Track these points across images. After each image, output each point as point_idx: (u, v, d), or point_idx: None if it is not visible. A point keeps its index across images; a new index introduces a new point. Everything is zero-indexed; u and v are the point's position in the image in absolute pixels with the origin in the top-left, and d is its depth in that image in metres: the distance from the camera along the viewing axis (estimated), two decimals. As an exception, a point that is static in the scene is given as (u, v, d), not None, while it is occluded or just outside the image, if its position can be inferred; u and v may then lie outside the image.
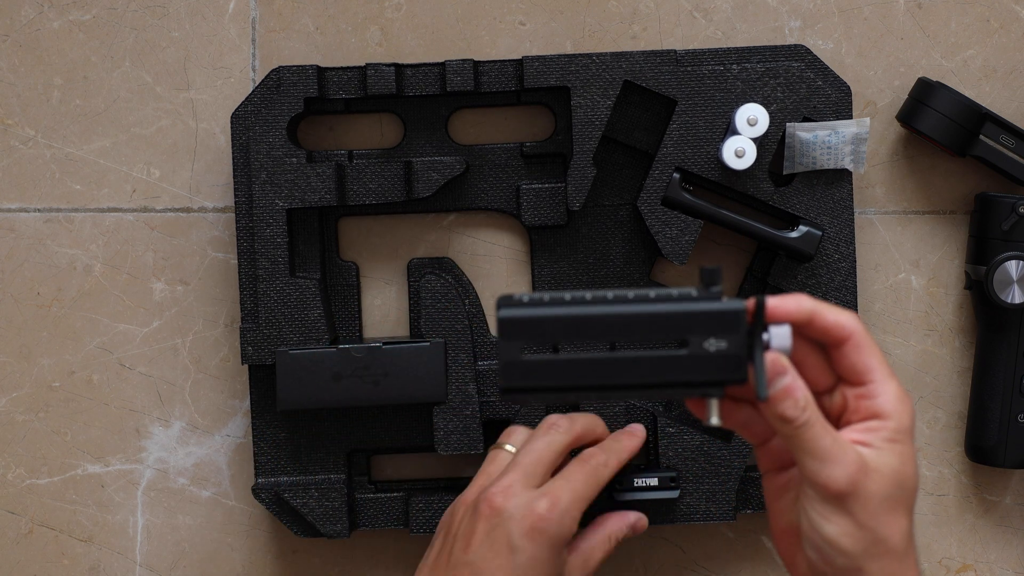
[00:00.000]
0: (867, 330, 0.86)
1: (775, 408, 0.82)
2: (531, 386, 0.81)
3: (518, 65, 1.06)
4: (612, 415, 1.05)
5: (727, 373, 0.81)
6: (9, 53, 1.09)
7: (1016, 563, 1.10)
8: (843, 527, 0.83)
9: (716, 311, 0.80)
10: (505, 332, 0.80)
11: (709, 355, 0.81)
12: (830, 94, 1.04)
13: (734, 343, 0.81)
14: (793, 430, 0.83)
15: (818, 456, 0.82)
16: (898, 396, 0.84)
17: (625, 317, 0.81)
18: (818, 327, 0.84)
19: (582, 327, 0.81)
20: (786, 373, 0.82)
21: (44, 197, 1.09)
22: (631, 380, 0.81)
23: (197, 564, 1.10)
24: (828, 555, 0.84)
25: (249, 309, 1.05)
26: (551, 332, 0.81)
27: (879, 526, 0.83)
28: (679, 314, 0.81)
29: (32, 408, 1.10)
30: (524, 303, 0.81)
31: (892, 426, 0.84)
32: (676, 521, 1.05)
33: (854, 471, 0.82)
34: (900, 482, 0.84)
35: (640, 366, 0.81)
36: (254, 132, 1.05)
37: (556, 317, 0.81)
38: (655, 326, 0.80)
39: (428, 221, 1.09)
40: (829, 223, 1.05)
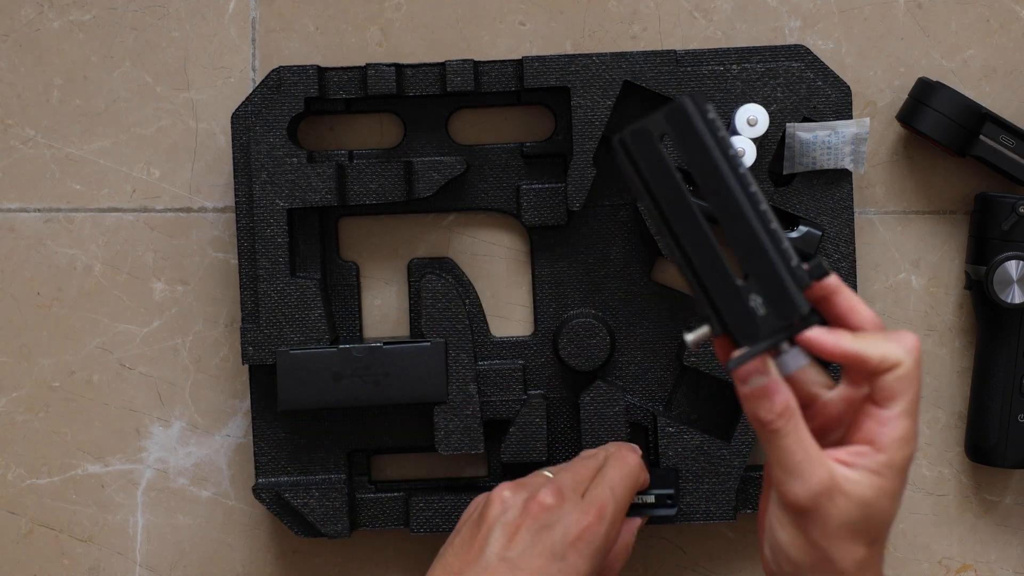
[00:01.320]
0: (918, 361, 0.83)
1: (749, 406, 0.82)
2: (636, 162, 0.82)
3: (518, 65, 1.06)
4: (612, 414, 1.06)
5: (737, 328, 0.81)
6: (9, 53, 1.09)
7: (1016, 563, 1.10)
8: (794, 539, 0.83)
9: (788, 290, 0.81)
10: (670, 114, 0.81)
11: (744, 304, 0.81)
12: (830, 94, 1.05)
13: (767, 321, 0.81)
14: (766, 434, 0.82)
15: (785, 468, 0.82)
16: (903, 436, 0.83)
17: (742, 212, 0.81)
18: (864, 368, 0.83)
19: (713, 181, 0.81)
20: (765, 373, 0.81)
21: (44, 197, 1.09)
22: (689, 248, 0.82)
23: (197, 564, 1.10)
24: (777, 558, 0.84)
25: (249, 309, 1.05)
26: (694, 156, 0.81)
27: (831, 548, 0.83)
28: (770, 258, 0.81)
29: (32, 408, 1.10)
30: (706, 116, 0.81)
31: (882, 460, 0.82)
32: (676, 521, 1.05)
33: (817, 491, 0.82)
34: (867, 514, 0.83)
35: (705, 248, 0.82)
36: (254, 132, 1.05)
37: (709, 152, 0.81)
38: (750, 241, 0.81)
39: (428, 221, 1.09)
40: (829, 223, 1.05)
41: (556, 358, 1.07)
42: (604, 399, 1.06)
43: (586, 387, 1.06)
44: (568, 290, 1.08)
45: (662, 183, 0.82)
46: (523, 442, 1.06)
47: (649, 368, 1.08)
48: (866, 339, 0.83)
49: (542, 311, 1.08)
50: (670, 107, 0.81)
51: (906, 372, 0.82)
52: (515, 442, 1.06)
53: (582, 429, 1.06)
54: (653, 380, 1.08)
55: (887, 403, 0.82)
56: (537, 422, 1.06)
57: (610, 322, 1.08)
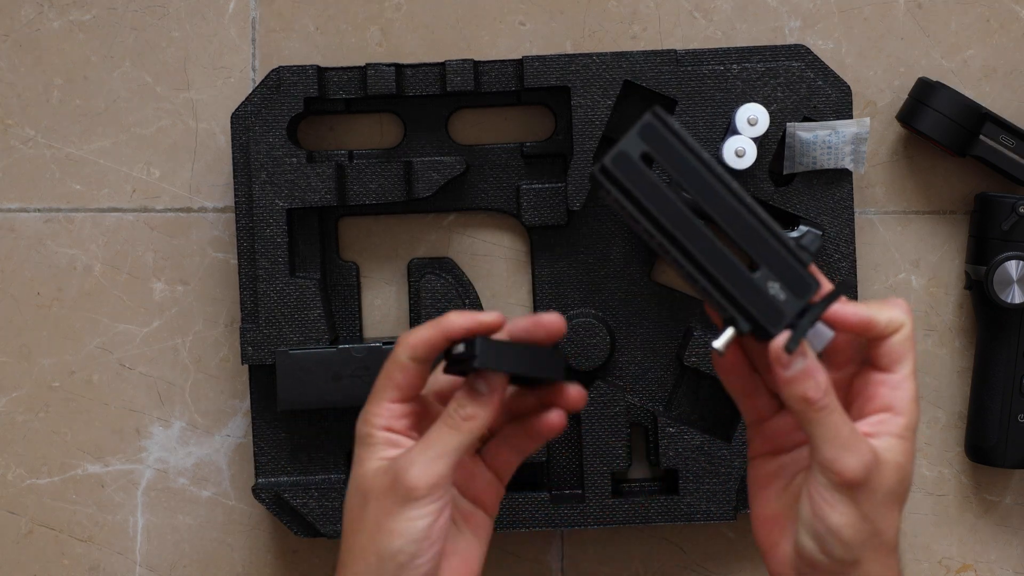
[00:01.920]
0: (913, 323, 0.87)
1: (796, 388, 0.83)
2: (624, 185, 0.83)
3: (518, 65, 1.06)
4: (612, 414, 1.06)
5: (763, 317, 0.83)
6: (9, 53, 1.09)
7: (1016, 563, 1.10)
8: (848, 517, 0.84)
9: (799, 269, 0.83)
10: (643, 131, 0.82)
11: (765, 293, 0.83)
12: (830, 94, 1.05)
13: (789, 304, 0.83)
14: (814, 413, 0.83)
15: (837, 443, 0.83)
16: (914, 396, 0.85)
17: (734, 208, 0.83)
18: (873, 332, 0.85)
19: (700, 184, 0.83)
20: (805, 355, 0.83)
21: (44, 197, 1.09)
22: (698, 253, 0.83)
23: (197, 564, 1.10)
24: (827, 545, 0.84)
25: (249, 309, 1.05)
26: (676, 165, 0.83)
27: (879, 519, 0.84)
28: (773, 244, 0.83)
29: (32, 408, 1.10)
30: (673, 127, 0.83)
31: (903, 422, 0.85)
32: (676, 521, 1.05)
33: (868, 462, 0.83)
34: (902, 478, 0.85)
35: (713, 250, 0.83)
36: (254, 132, 1.05)
37: (688, 159, 0.83)
38: (750, 234, 0.83)
39: (428, 221, 1.09)
40: (829, 223, 1.05)
41: (556, 358, 1.07)
42: (604, 399, 1.06)
43: (586, 387, 1.06)
44: (568, 290, 1.08)
45: (657, 199, 0.83)
46: (523, 442, 1.06)
47: (649, 368, 1.08)
48: (871, 306, 0.86)
49: (542, 311, 1.08)
50: (642, 126, 0.83)
51: (910, 331, 0.85)
52: (515, 442, 1.06)
53: (582, 429, 1.06)
54: (653, 380, 1.08)
55: (896, 366, 0.85)
56: (537, 422, 1.06)
57: (610, 322, 1.08)
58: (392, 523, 0.85)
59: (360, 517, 0.86)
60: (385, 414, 0.87)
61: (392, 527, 0.85)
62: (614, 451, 1.06)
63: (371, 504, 0.85)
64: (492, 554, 1.10)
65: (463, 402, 0.86)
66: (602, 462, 1.06)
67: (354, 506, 0.87)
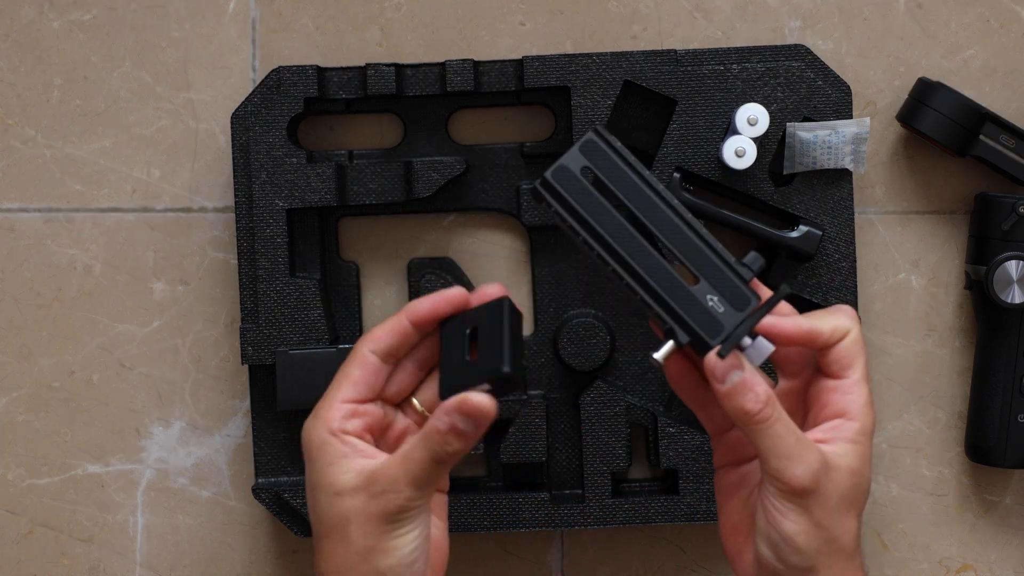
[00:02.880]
0: (860, 328, 0.87)
1: (735, 401, 0.84)
2: (564, 198, 0.85)
3: (518, 65, 1.06)
4: (612, 414, 1.06)
5: (703, 329, 0.84)
6: (9, 53, 1.09)
7: (1016, 563, 1.10)
8: (800, 524, 0.84)
9: (737, 282, 0.85)
10: (584, 147, 0.85)
11: (703, 305, 0.84)
12: (830, 94, 1.05)
13: (728, 316, 0.84)
14: (756, 425, 0.84)
15: (782, 453, 0.84)
16: (867, 400, 0.86)
17: (673, 223, 0.85)
18: (817, 343, 0.86)
19: (639, 198, 0.85)
20: (741, 368, 0.84)
21: (44, 197, 1.09)
22: (637, 266, 0.85)
23: (197, 564, 1.10)
24: (783, 553, 0.85)
25: (249, 309, 1.05)
26: (616, 180, 0.85)
27: (833, 525, 0.85)
28: (712, 258, 0.85)
29: (32, 408, 1.10)
30: (615, 144, 0.85)
31: (856, 427, 0.85)
32: (676, 521, 1.05)
33: (817, 469, 0.84)
34: (857, 483, 0.85)
35: (651, 262, 0.85)
36: (254, 132, 1.05)
37: (628, 174, 0.85)
38: (689, 248, 0.85)
39: (428, 221, 1.09)
40: (829, 223, 1.05)
41: (556, 358, 1.07)
42: (604, 399, 1.06)
43: (586, 387, 1.06)
44: (568, 290, 1.08)
45: (596, 212, 0.85)
46: (523, 442, 1.06)
47: (649, 368, 1.08)
48: (813, 316, 0.87)
49: (542, 311, 1.08)
50: (583, 142, 0.85)
51: (856, 336, 0.86)
52: (515, 442, 1.06)
53: (582, 429, 1.06)
54: (653, 380, 1.08)
55: (846, 371, 0.86)
56: (537, 422, 1.06)
57: (610, 322, 1.08)
58: (384, 542, 0.85)
59: (342, 535, 0.85)
60: (339, 415, 0.86)
61: (384, 546, 0.85)
62: (614, 451, 1.06)
63: (353, 525, 0.85)
64: (492, 554, 1.10)
65: (450, 440, 0.85)
66: (602, 462, 1.06)
67: (330, 519, 0.86)
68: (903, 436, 1.09)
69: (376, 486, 0.84)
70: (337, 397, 0.86)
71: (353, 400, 0.86)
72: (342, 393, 0.86)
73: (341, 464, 0.85)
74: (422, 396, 0.91)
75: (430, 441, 0.85)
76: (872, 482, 1.08)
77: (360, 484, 0.85)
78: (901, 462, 1.09)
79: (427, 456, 0.85)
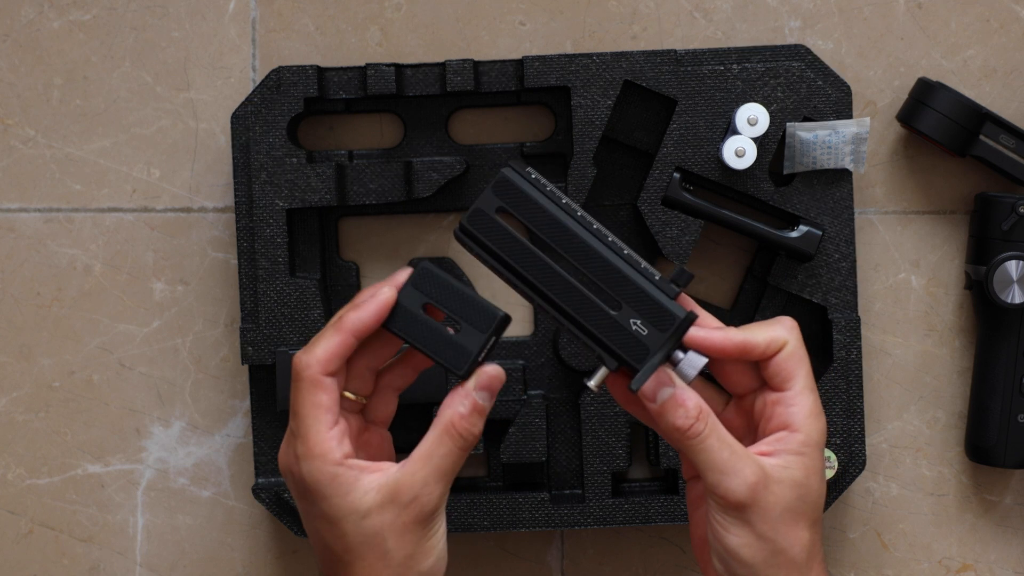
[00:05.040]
0: (800, 339, 0.86)
1: (666, 418, 0.84)
2: (482, 241, 0.85)
3: (518, 65, 1.06)
4: (612, 414, 1.06)
5: (628, 354, 0.84)
6: (9, 53, 1.09)
7: (1016, 563, 1.10)
8: (743, 538, 0.84)
9: (660, 303, 0.84)
10: (497, 186, 0.85)
11: (628, 331, 0.84)
12: (830, 94, 1.05)
13: (653, 338, 0.84)
14: (688, 441, 0.83)
15: (716, 467, 0.83)
16: (810, 410, 0.85)
17: (592, 250, 0.84)
18: (753, 355, 0.85)
19: (556, 231, 0.84)
20: (671, 385, 0.83)
21: (44, 197, 1.09)
22: (558, 299, 0.85)
23: (197, 564, 1.10)
24: (730, 565, 0.85)
25: (249, 309, 1.05)
26: (531, 215, 0.85)
27: (778, 537, 0.84)
28: (633, 281, 0.84)
29: (32, 408, 1.10)
30: (529, 178, 0.85)
31: (800, 439, 0.84)
32: (676, 521, 1.05)
33: (753, 483, 0.83)
34: (802, 495, 0.84)
35: (572, 294, 0.84)
36: (254, 132, 1.05)
37: (544, 207, 0.85)
38: (609, 274, 0.84)
39: (428, 221, 1.10)
40: (829, 223, 1.05)
41: (556, 358, 1.07)
42: (604, 399, 1.06)
43: (586, 387, 1.06)
44: (568, 290, 1.08)
45: (514, 251, 0.85)
46: (523, 442, 1.06)
47: (649, 368, 1.08)
48: (748, 329, 0.86)
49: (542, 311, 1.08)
50: (495, 181, 0.85)
51: (794, 348, 0.85)
52: (515, 442, 1.06)
53: (582, 429, 1.06)
54: (653, 380, 1.08)
55: (786, 384, 0.85)
56: (537, 422, 1.06)
57: (610, 322, 1.08)
58: (423, 545, 0.85)
59: (380, 552, 0.84)
60: (334, 445, 0.85)
61: (424, 548, 0.85)
62: (614, 451, 1.06)
63: (390, 539, 0.84)
64: (492, 554, 1.10)
65: (475, 421, 0.85)
66: (602, 462, 1.06)
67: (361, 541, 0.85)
68: (903, 436, 1.09)
69: (404, 495, 0.84)
70: (322, 429, 0.85)
71: (334, 425, 0.86)
72: (325, 423, 0.85)
73: (357, 488, 0.84)
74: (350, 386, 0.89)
75: (453, 430, 0.85)
76: (872, 482, 1.08)
77: (385, 499, 0.84)
78: (901, 462, 1.09)
79: (454, 447, 0.85)
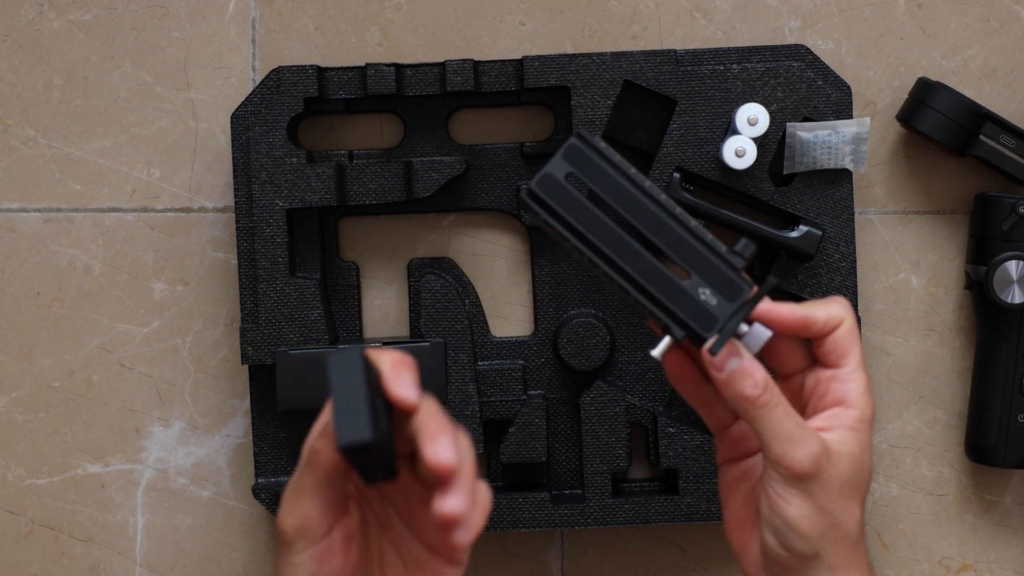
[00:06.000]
0: (855, 318, 0.88)
1: (734, 387, 0.85)
2: (551, 206, 0.85)
3: (518, 65, 1.06)
4: (612, 414, 1.06)
5: (697, 323, 0.85)
6: (9, 53, 1.09)
7: (1016, 563, 1.10)
8: (803, 510, 0.85)
9: (728, 274, 0.85)
10: (567, 153, 0.85)
11: (696, 300, 0.85)
12: (830, 94, 1.05)
13: (721, 308, 0.85)
14: (756, 411, 0.85)
15: (783, 438, 0.84)
16: (864, 388, 0.87)
17: (662, 220, 0.85)
18: (812, 330, 0.87)
19: (626, 199, 0.85)
20: (739, 355, 0.85)
21: (44, 197, 1.09)
22: (628, 267, 0.85)
23: (197, 564, 1.10)
24: (787, 539, 0.85)
25: (249, 309, 1.05)
26: (602, 183, 0.85)
27: (837, 510, 0.85)
28: (702, 252, 0.85)
29: (32, 408, 1.10)
30: (598, 147, 0.85)
31: (855, 415, 0.87)
32: (676, 521, 1.05)
33: (818, 453, 0.84)
34: (858, 469, 0.86)
35: (642, 263, 0.85)
36: (254, 132, 1.05)
37: (614, 176, 0.85)
38: (679, 244, 0.85)
39: (428, 221, 1.10)
40: (829, 223, 1.05)
41: (556, 358, 1.07)
42: (604, 399, 1.06)
43: (586, 387, 1.06)
44: (568, 290, 1.08)
45: (583, 217, 0.85)
46: (523, 442, 1.06)
47: (649, 368, 1.08)
48: (808, 305, 0.88)
49: (542, 311, 1.08)
50: (565, 148, 0.85)
51: (850, 326, 0.87)
52: (515, 442, 1.06)
53: (582, 429, 1.06)
54: (653, 380, 1.08)
55: (842, 360, 0.87)
56: (537, 422, 1.06)
57: (610, 322, 1.08)
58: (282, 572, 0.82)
59: None
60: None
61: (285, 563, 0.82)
62: (614, 451, 1.06)
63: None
64: (492, 554, 1.10)
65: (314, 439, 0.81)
66: (602, 462, 1.06)
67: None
68: (903, 436, 1.09)
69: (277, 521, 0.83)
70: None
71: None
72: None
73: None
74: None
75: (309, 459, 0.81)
76: (872, 482, 1.08)
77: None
78: (901, 462, 1.09)
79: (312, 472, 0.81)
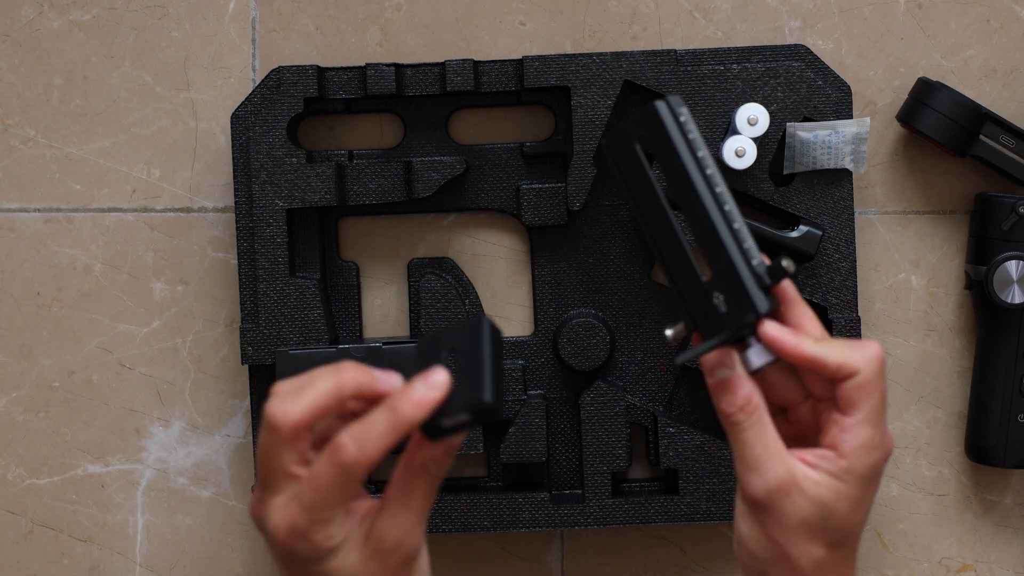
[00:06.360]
0: (878, 370, 0.83)
1: (715, 397, 0.84)
2: (611, 164, 0.84)
3: (518, 65, 1.06)
4: (612, 414, 1.06)
5: (701, 323, 0.83)
6: (9, 53, 1.09)
7: (1016, 563, 1.10)
8: (752, 532, 0.84)
9: (746, 286, 0.82)
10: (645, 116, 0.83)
11: (710, 301, 0.82)
12: (830, 94, 1.05)
13: (727, 318, 0.82)
14: (728, 426, 0.84)
15: (745, 461, 0.83)
16: (863, 443, 0.83)
17: (705, 212, 0.82)
18: (823, 372, 0.83)
19: (680, 180, 0.83)
20: (730, 367, 0.83)
21: (44, 197, 1.09)
22: (660, 246, 0.83)
23: (197, 564, 1.10)
24: (739, 548, 0.86)
25: (249, 309, 1.05)
26: (664, 156, 0.83)
27: (787, 544, 0.83)
28: (730, 256, 0.82)
29: (32, 408, 1.10)
30: (679, 119, 0.83)
31: (844, 465, 0.83)
32: (676, 521, 1.05)
33: (774, 487, 0.83)
34: (824, 515, 0.83)
35: (674, 246, 0.83)
36: (254, 132, 1.05)
37: (679, 153, 0.83)
38: (712, 241, 0.82)
39: (428, 221, 1.09)
40: (829, 223, 1.05)
41: (556, 358, 1.07)
42: (604, 399, 1.06)
43: (586, 387, 1.06)
44: (568, 290, 1.08)
45: (637, 183, 0.84)
46: (523, 442, 1.06)
47: (649, 368, 1.08)
48: (828, 345, 0.83)
49: (542, 311, 1.08)
50: (644, 110, 0.83)
51: (863, 381, 0.83)
52: (515, 442, 1.06)
53: (582, 429, 1.06)
54: (653, 380, 1.08)
55: (848, 411, 0.83)
56: (537, 422, 1.06)
57: (610, 322, 1.08)
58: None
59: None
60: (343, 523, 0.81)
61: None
62: (614, 451, 1.06)
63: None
64: (492, 554, 1.10)
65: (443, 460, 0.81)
66: (602, 462, 1.06)
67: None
68: (903, 436, 1.09)
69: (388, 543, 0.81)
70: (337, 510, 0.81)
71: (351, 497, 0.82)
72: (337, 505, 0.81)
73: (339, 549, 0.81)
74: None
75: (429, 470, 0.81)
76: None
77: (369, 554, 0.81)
78: (901, 462, 1.09)
79: (429, 485, 0.82)
